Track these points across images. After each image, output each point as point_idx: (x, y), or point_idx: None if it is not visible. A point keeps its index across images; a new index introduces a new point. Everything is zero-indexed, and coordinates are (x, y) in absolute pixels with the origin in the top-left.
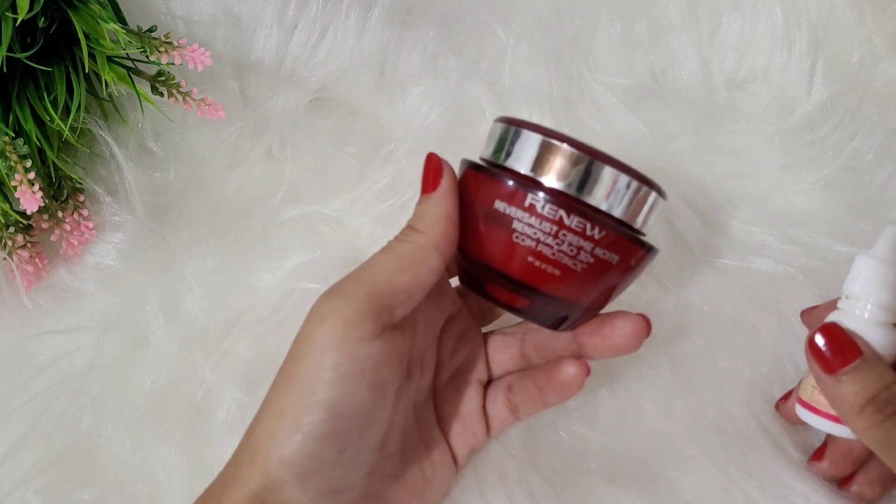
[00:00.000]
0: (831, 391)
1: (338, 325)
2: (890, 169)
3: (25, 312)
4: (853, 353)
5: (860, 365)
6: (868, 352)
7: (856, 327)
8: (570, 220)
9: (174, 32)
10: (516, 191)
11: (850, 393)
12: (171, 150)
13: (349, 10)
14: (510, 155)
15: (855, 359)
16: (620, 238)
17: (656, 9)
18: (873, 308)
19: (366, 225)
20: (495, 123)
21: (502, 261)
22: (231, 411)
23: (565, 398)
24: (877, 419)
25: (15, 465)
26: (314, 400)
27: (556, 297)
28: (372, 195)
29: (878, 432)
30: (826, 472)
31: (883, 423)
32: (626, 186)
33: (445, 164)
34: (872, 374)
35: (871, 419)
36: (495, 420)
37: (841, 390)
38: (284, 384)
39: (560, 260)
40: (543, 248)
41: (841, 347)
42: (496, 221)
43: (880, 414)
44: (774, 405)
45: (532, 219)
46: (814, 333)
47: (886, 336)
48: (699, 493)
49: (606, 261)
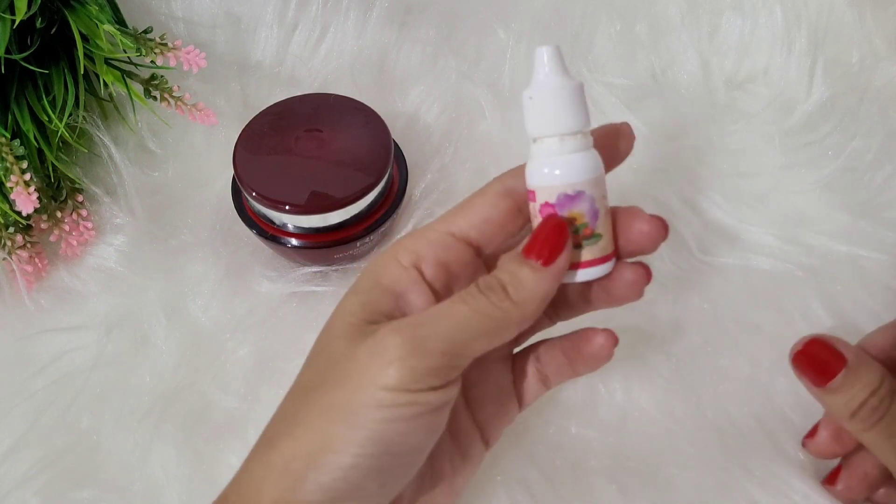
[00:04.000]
0: (823, 401)
1: (406, 374)
2: (890, 169)
3: (27, 313)
4: (838, 361)
5: (846, 374)
6: (853, 358)
7: (554, 166)
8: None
9: (175, 33)
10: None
11: (840, 402)
12: (170, 148)
13: (349, 10)
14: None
15: (841, 367)
16: None
17: (656, 9)
18: (563, 141)
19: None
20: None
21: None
22: (231, 412)
23: (596, 367)
24: (867, 424)
25: (15, 465)
26: (366, 434)
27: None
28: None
29: (870, 435)
30: (840, 496)
31: (873, 426)
32: None
33: (569, 235)
34: (859, 382)
35: (862, 424)
36: (528, 393)
37: (831, 400)
38: (330, 410)
39: None
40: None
41: (825, 359)
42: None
43: (870, 419)
44: (801, 442)
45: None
46: (798, 348)
47: (587, 161)
48: (699, 491)
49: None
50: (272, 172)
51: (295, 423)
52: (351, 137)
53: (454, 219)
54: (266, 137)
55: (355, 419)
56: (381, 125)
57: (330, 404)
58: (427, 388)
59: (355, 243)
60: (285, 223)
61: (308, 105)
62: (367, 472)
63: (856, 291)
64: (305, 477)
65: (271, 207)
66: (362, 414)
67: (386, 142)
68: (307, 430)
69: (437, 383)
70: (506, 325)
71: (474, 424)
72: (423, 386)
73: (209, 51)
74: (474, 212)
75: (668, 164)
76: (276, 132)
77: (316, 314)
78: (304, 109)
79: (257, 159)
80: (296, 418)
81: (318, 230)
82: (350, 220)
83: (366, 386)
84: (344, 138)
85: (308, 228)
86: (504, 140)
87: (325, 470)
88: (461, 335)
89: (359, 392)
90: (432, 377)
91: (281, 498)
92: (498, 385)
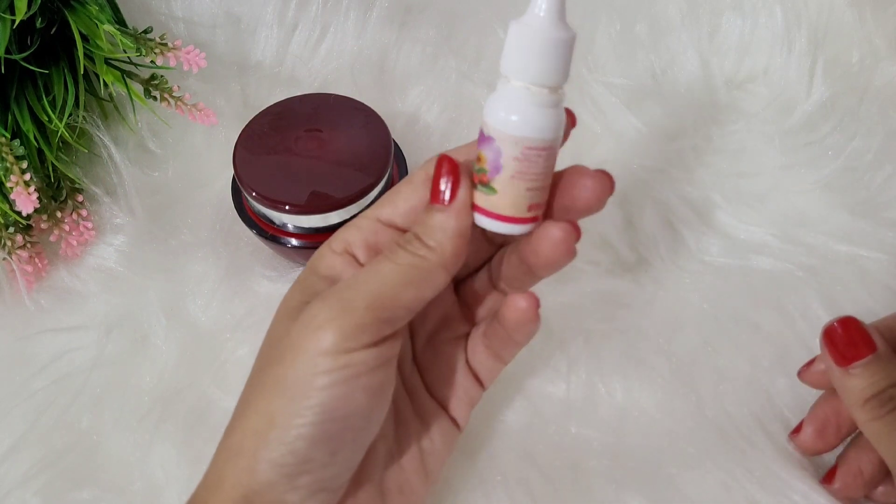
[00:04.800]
0: (840, 382)
1: (335, 334)
2: (890, 169)
3: (27, 313)
4: (868, 347)
5: (872, 361)
6: (883, 348)
7: (516, 110)
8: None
9: (175, 33)
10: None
11: (857, 387)
12: (170, 148)
13: (349, 10)
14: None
15: (869, 353)
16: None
17: (656, 9)
18: (534, 88)
19: None
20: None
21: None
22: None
23: (526, 334)
24: (877, 413)
25: (15, 465)
26: (306, 404)
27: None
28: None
29: (877, 425)
30: (838, 494)
31: (882, 417)
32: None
33: (463, 168)
34: (883, 370)
35: (872, 413)
36: (482, 371)
37: (849, 383)
38: (272, 387)
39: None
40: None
41: (856, 341)
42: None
43: (882, 408)
44: (788, 436)
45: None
46: (832, 324)
47: (548, 119)
48: (699, 491)
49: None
50: (272, 172)
51: (246, 405)
52: (351, 137)
53: (381, 208)
54: (266, 137)
55: (295, 391)
56: (381, 125)
57: (273, 381)
58: (360, 345)
59: None
60: (285, 223)
61: (308, 105)
62: (313, 442)
63: (856, 291)
64: (257, 456)
65: (271, 207)
66: (300, 384)
67: (386, 142)
68: (254, 410)
69: (369, 340)
70: (428, 271)
71: (436, 404)
72: (356, 344)
73: (209, 51)
74: (400, 199)
75: (668, 164)
76: (276, 132)
77: None
78: (304, 109)
79: (257, 159)
80: (247, 401)
81: (319, 230)
82: (350, 220)
83: (301, 356)
84: (344, 138)
85: (308, 228)
86: None
87: (273, 446)
88: (384, 288)
89: (296, 364)
90: (363, 334)
91: (238, 481)
92: (451, 364)
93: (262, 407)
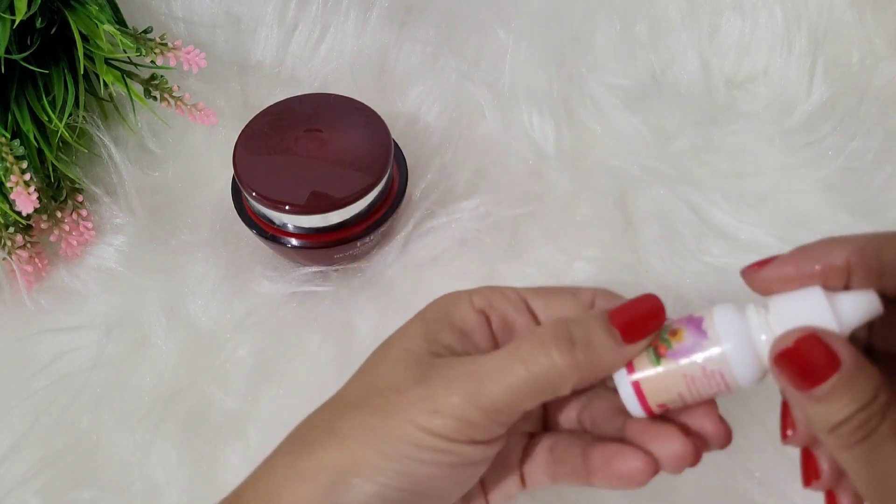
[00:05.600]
0: (801, 408)
1: (451, 424)
2: (890, 169)
3: (27, 313)
4: (830, 366)
5: (836, 382)
6: (849, 363)
7: (750, 348)
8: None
9: (175, 33)
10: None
11: (820, 413)
12: (170, 148)
13: (349, 10)
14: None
15: (832, 373)
16: None
17: (656, 9)
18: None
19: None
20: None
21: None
22: (231, 412)
23: (619, 488)
24: (846, 441)
25: (15, 465)
26: (396, 468)
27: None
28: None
29: (847, 456)
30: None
31: (853, 447)
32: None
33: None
34: (849, 392)
35: (841, 441)
36: (531, 479)
37: (811, 410)
38: (365, 431)
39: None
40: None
41: (812, 363)
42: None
43: (851, 437)
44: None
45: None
46: (782, 348)
47: (755, 374)
48: (699, 490)
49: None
50: (272, 172)
51: (330, 434)
52: (351, 137)
53: (536, 296)
54: (266, 137)
55: (390, 449)
56: (381, 125)
57: (369, 426)
58: (469, 441)
59: (355, 243)
60: (285, 223)
61: (308, 105)
62: (388, 503)
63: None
64: (329, 491)
65: (271, 207)
66: (399, 446)
67: (386, 142)
68: (340, 445)
69: (480, 438)
70: (560, 385)
71: (480, 485)
72: (465, 438)
73: (209, 51)
74: (556, 303)
75: (668, 164)
76: (276, 132)
77: (316, 314)
78: (304, 109)
79: (257, 159)
80: (331, 429)
81: (319, 230)
82: (350, 220)
83: (407, 425)
84: (344, 138)
85: (308, 228)
86: (504, 140)
87: (350, 491)
88: (510, 398)
89: (401, 425)
90: (477, 433)
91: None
92: (506, 458)
93: (351, 447)
